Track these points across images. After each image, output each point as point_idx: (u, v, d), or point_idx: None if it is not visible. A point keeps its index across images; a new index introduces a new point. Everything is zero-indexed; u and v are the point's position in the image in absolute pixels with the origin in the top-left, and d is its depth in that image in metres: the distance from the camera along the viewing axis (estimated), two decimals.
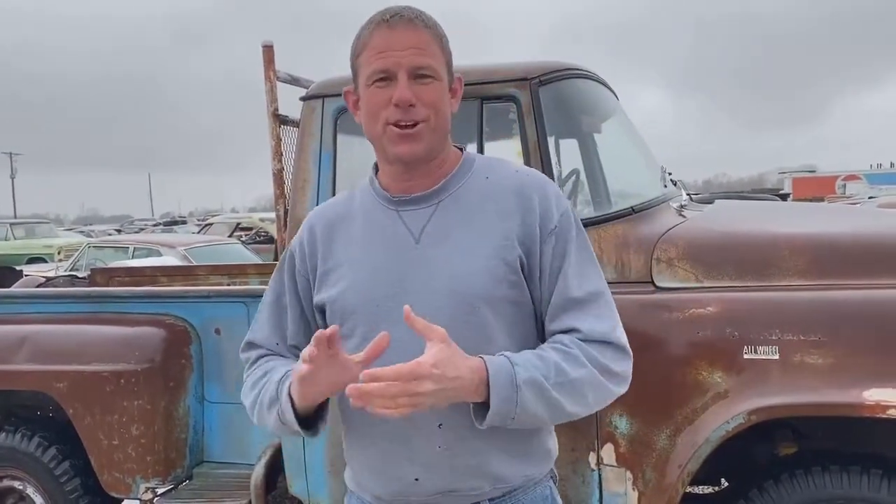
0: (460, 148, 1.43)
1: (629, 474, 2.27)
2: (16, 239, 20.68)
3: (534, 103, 2.46)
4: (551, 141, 2.56)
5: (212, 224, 17.29)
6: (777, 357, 2.10)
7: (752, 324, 2.15)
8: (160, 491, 2.93)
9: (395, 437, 1.31)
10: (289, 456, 2.69)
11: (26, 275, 4.88)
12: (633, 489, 2.27)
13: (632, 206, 2.51)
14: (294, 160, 2.76)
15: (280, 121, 2.90)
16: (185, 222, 32.34)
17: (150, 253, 8.67)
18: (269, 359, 1.43)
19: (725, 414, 2.12)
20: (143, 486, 2.90)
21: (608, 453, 2.30)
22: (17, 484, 3.15)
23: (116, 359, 2.91)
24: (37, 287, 4.15)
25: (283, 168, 2.89)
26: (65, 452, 3.07)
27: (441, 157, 1.36)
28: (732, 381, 2.14)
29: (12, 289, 3.98)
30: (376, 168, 1.42)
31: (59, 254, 16.20)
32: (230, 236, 14.17)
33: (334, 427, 2.80)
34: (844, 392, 2.03)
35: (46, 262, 16.48)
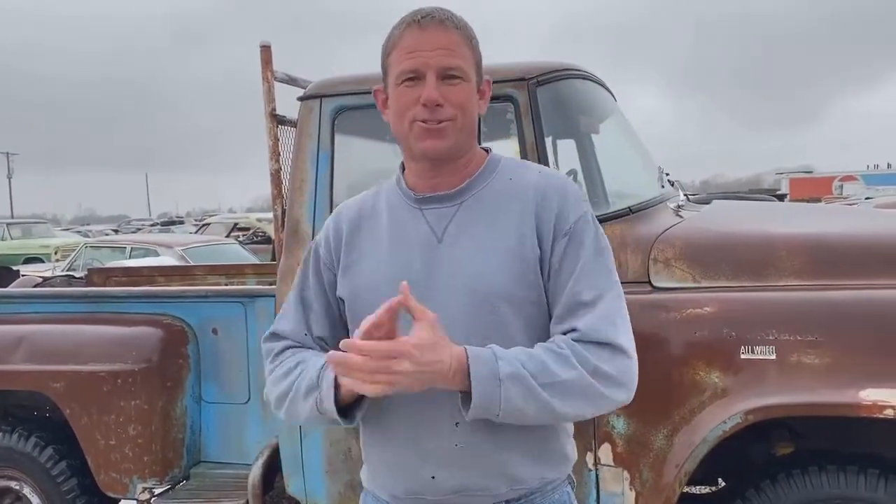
0: (486, 149, 1.44)
1: (626, 474, 2.27)
2: (13, 239, 20.64)
3: (531, 104, 2.46)
4: (549, 141, 2.56)
5: (209, 224, 17.26)
6: (774, 357, 2.11)
7: (749, 324, 2.16)
8: (157, 491, 2.93)
9: (412, 435, 1.31)
10: (286, 456, 2.69)
11: (23, 275, 4.88)
12: (631, 489, 2.28)
13: (629, 207, 2.51)
14: (291, 160, 2.76)
15: (278, 121, 2.89)
16: (182, 222, 32.28)
17: (148, 253, 8.67)
18: (298, 350, 1.42)
19: (722, 414, 2.12)
20: (140, 487, 2.90)
21: (605, 453, 2.30)
22: (13, 484, 3.14)
23: (113, 359, 2.91)
24: (34, 287, 4.15)
25: (280, 168, 2.89)
26: (62, 452, 3.07)
27: (467, 158, 1.37)
28: (729, 381, 2.15)
29: (9, 289, 3.97)
30: (403, 167, 1.44)
31: (56, 254, 16.16)
32: (227, 236, 14.15)
33: (331, 427, 2.80)
34: (841, 392, 2.04)
35: (43, 262, 16.45)
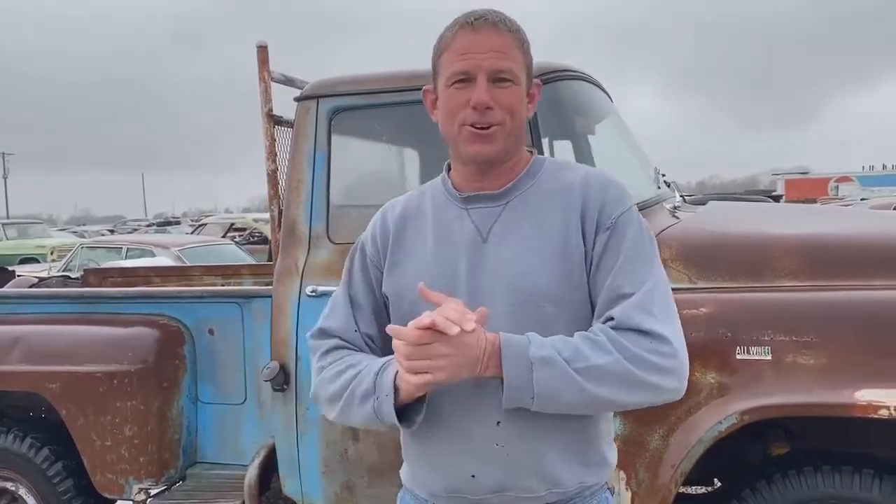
0: (531, 150, 1.44)
1: (622, 474, 2.27)
2: (8, 239, 20.61)
3: None
4: (545, 142, 2.56)
5: (205, 224, 17.25)
6: (770, 357, 2.11)
7: (744, 324, 2.16)
8: (153, 492, 2.93)
9: (454, 433, 1.32)
10: (282, 456, 2.69)
11: (19, 275, 4.87)
12: (627, 489, 2.28)
13: None
14: (288, 161, 2.76)
15: (274, 121, 2.89)
16: (178, 223, 32.26)
17: (144, 253, 8.66)
18: (348, 352, 1.42)
19: (718, 414, 2.12)
20: (136, 487, 2.89)
21: None
22: (9, 485, 3.14)
23: (109, 359, 2.90)
24: (29, 287, 4.14)
25: (277, 168, 2.89)
26: (57, 453, 3.06)
27: (514, 160, 1.38)
28: (725, 382, 2.15)
29: (5, 289, 3.96)
30: (448, 167, 1.45)
31: (51, 254, 16.15)
32: (224, 237, 14.16)
33: (328, 427, 2.80)
34: (836, 392, 2.04)
35: (39, 262, 16.43)
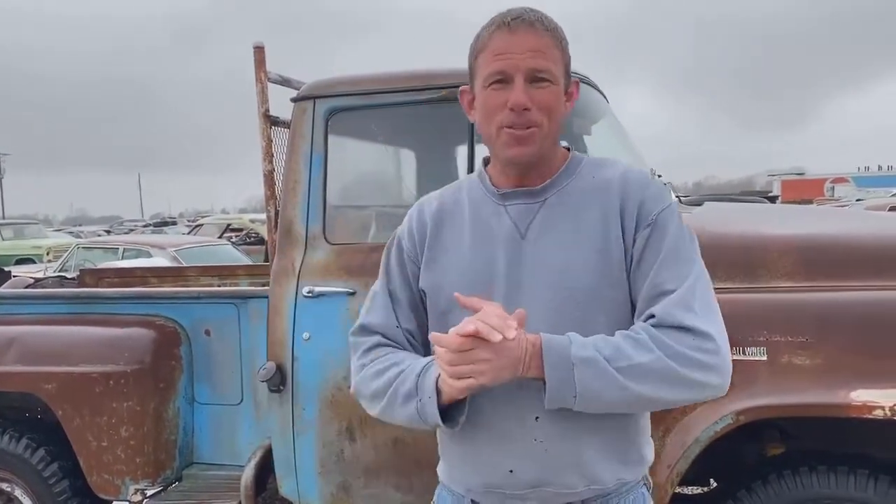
0: (567, 148, 1.44)
1: None
2: (4, 240, 20.56)
3: None
4: None
5: (202, 225, 17.23)
6: (765, 358, 2.12)
7: (740, 325, 2.16)
8: (149, 493, 2.92)
9: (492, 429, 1.32)
10: (279, 457, 2.69)
11: (15, 276, 4.85)
12: None
13: None
14: (285, 161, 2.76)
15: (271, 122, 2.89)
16: (175, 223, 32.19)
17: (140, 254, 8.65)
18: (389, 349, 1.41)
19: (714, 414, 2.13)
20: (132, 488, 2.89)
21: None
22: (5, 486, 3.13)
23: (106, 360, 2.89)
24: (26, 288, 4.13)
25: (273, 169, 2.89)
26: (53, 454, 3.05)
27: (551, 158, 1.38)
28: None
29: (1, 290, 3.95)
30: (485, 162, 1.44)
31: (48, 255, 16.09)
32: (220, 237, 14.14)
33: (324, 427, 2.79)
34: (832, 393, 2.05)
35: (35, 262, 16.39)
